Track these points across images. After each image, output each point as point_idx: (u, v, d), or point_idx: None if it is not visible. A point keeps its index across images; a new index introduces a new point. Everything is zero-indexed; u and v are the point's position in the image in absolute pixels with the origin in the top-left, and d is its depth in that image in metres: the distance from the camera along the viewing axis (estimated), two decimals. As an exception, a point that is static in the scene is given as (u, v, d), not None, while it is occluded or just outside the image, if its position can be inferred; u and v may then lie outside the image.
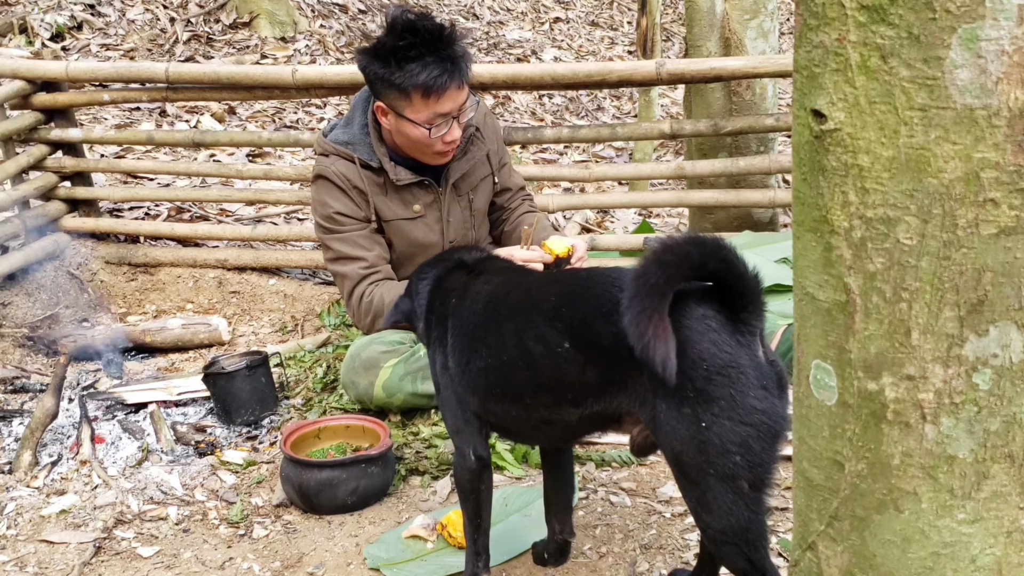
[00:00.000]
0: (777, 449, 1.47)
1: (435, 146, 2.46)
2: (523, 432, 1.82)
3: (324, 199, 2.55)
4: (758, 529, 1.49)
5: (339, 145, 2.56)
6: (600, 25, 9.26)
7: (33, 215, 3.70)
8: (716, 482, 1.46)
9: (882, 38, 0.96)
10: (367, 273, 2.53)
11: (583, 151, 6.09)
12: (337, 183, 2.53)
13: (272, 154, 5.12)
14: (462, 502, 1.87)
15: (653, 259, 1.40)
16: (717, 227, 3.72)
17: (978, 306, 0.99)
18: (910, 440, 1.05)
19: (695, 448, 1.46)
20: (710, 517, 1.50)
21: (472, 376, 1.74)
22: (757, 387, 1.43)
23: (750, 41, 3.58)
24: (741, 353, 1.44)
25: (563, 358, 1.59)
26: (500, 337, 1.69)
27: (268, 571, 2.07)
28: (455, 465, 1.85)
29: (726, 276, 1.44)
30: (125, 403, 2.85)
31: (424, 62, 2.31)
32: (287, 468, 2.29)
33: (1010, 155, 0.94)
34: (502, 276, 1.87)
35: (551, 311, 1.62)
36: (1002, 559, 1.07)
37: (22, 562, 2.14)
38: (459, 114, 2.43)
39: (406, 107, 2.39)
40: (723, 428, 1.44)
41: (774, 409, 1.45)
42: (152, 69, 3.54)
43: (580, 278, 1.72)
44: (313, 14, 7.37)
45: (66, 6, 6.45)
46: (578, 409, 1.62)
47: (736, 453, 1.44)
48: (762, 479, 1.47)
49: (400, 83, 2.34)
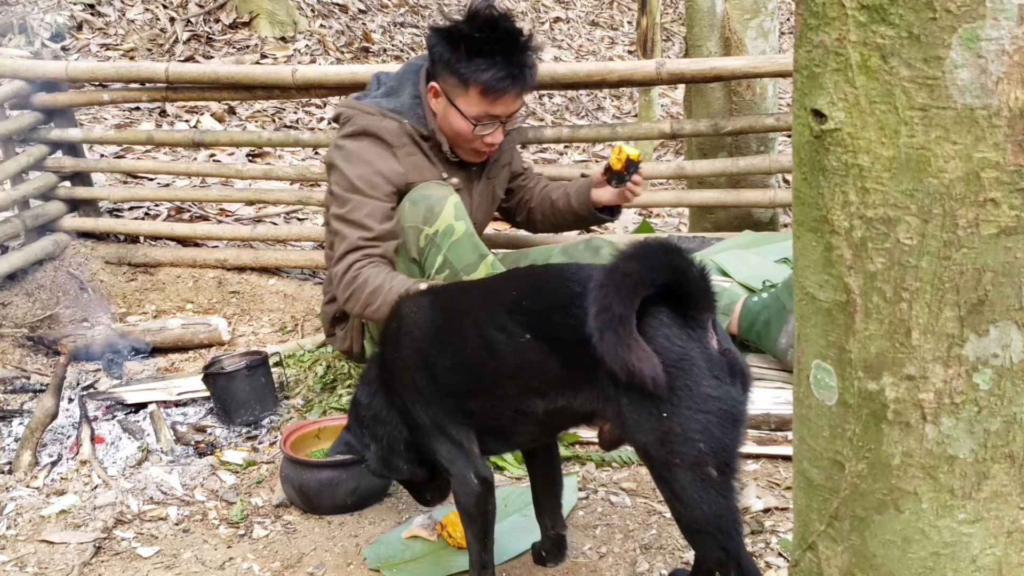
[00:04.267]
0: (738, 434, 1.54)
1: (474, 143, 2.47)
2: (504, 429, 1.80)
3: (368, 157, 2.43)
4: (730, 516, 1.55)
5: (389, 111, 2.49)
6: (600, 25, 9.26)
7: (33, 215, 3.70)
8: (683, 471, 1.52)
9: (882, 38, 0.96)
10: (365, 245, 2.40)
11: (583, 151, 6.09)
12: (388, 139, 2.45)
13: (272, 154, 5.12)
14: (467, 525, 1.84)
15: (611, 294, 1.44)
16: (717, 227, 3.72)
17: (978, 306, 0.98)
18: (910, 440, 1.05)
19: (658, 439, 1.53)
20: (683, 507, 1.56)
21: (445, 380, 1.77)
22: (710, 376, 1.50)
23: (750, 41, 3.58)
24: (692, 346, 1.51)
25: (525, 347, 1.65)
26: (463, 332, 1.75)
27: (268, 571, 2.07)
28: (458, 494, 1.81)
29: (677, 282, 1.50)
30: (125, 403, 2.85)
31: (494, 60, 2.32)
32: (287, 468, 2.29)
33: (1010, 155, 0.94)
34: (439, 291, 1.95)
35: (512, 303, 1.69)
36: (1002, 559, 1.07)
37: (22, 562, 2.14)
38: (508, 120, 2.44)
39: (460, 97, 2.39)
40: (682, 417, 1.50)
41: (729, 395, 1.52)
42: (152, 69, 3.54)
43: (537, 273, 1.81)
44: (313, 14, 7.37)
45: (66, 6, 6.45)
46: (543, 401, 1.67)
47: (699, 440, 1.50)
48: (727, 464, 1.53)
49: (463, 73, 2.34)
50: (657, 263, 1.47)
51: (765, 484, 2.28)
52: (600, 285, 1.45)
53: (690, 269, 1.49)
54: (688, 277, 1.49)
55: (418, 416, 1.82)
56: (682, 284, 1.50)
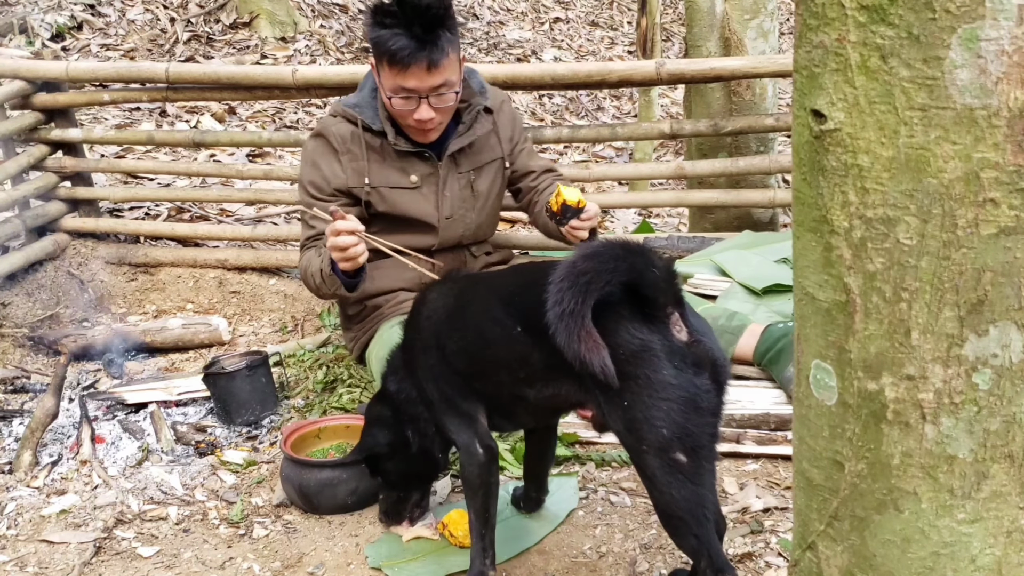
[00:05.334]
0: (703, 420, 1.59)
1: (406, 119, 2.47)
2: (506, 409, 1.90)
3: (315, 160, 2.57)
4: (700, 502, 1.60)
5: (347, 107, 2.58)
6: (600, 25, 9.26)
7: (33, 215, 3.70)
8: (652, 457, 1.59)
9: (882, 38, 0.96)
10: (309, 245, 2.55)
11: (583, 151, 6.10)
12: (334, 144, 2.55)
13: (272, 154, 5.12)
14: (470, 498, 1.90)
15: (565, 289, 1.52)
16: (717, 227, 3.72)
17: (978, 306, 0.99)
18: (910, 440, 1.05)
19: (626, 427, 1.61)
20: (657, 493, 1.62)
21: (451, 358, 1.88)
22: (670, 366, 1.56)
23: (750, 41, 3.58)
24: (653, 338, 1.58)
25: (516, 340, 1.74)
26: (468, 320, 1.87)
27: (268, 571, 2.07)
28: (462, 464, 1.90)
29: (635, 281, 1.57)
30: (125, 403, 2.85)
31: (395, 32, 2.32)
32: (287, 468, 2.29)
33: (1010, 155, 0.94)
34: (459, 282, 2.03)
35: (508, 297, 1.80)
36: (1002, 559, 1.07)
37: (22, 562, 2.15)
38: (429, 95, 2.42)
39: (381, 71, 2.43)
40: (643, 404, 1.57)
41: (690, 383, 1.57)
42: (152, 69, 3.54)
43: (532, 269, 1.91)
44: (313, 14, 7.37)
45: (66, 6, 6.45)
46: (532, 389, 1.77)
47: (662, 427, 1.56)
48: (694, 449, 1.58)
49: (374, 45, 2.39)
50: (614, 263, 1.53)
51: (765, 484, 2.28)
52: (556, 280, 1.52)
53: (648, 269, 1.56)
54: (646, 276, 1.56)
55: (430, 392, 1.92)
56: (641, 282, 1.56)
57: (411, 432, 2.03)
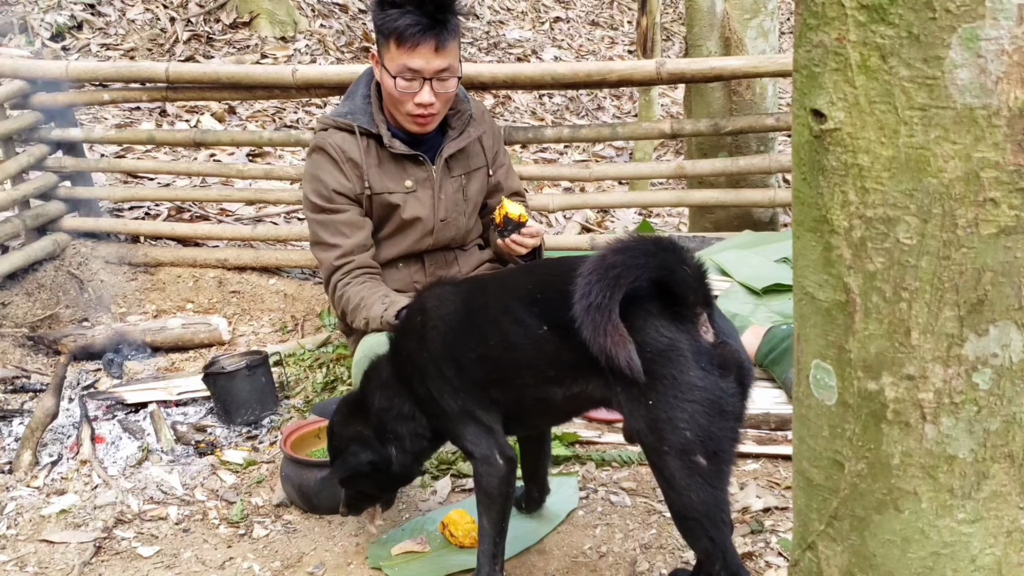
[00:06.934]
0: (727, 424, 1.57)
1: (406, 103, 2.45)
2: (526, 414, 1.87)
3: (318, 174, 2.54)
4: (717, 505, 1.59)
5: (339, 117, 2.57)
6: (600, 25, 9.26)
7: (33, 215, 3.70)
8: (672, 458, 1.57)
9: (882, 38, 0.96)
10: (340, 264, 2.49)
11: (583, 151, 6.09)
12: (333, 155, 2.53)
13: (272, 154, 5.12)
14: (486, 508, 1.85)
15: (593, 283, 1.49)
16: (717, 227, 3.72)
17: (978, 306, 0.98)
18: (910, 440, 1.05)
19: (648, 426, 1.58)
20: (673, 494, 1.60)
21: (469, 370, 1.82)
22: (696, 367, 1.54)
23: (750, 41, 3.58)
24: (681, 337, 1.55)
25: (542, 339, 1.71)
26: (484, 325, 1.80)
27: (268, 571, 2.07)
28: (481, 476, 1.84)
29: (665, 278, 1.55)
30: (125, 403, 2.86)
31: (405, 10, 2.34)
32: (287, 468, 2.29)
33: (1010, 155, 0.94)
34: (464, 284, 2.00)
35: (527, 297, 1.75)
36: (1002, 559, 1.07)
37: (22, 562, 2.15)
38: (434, 79, 2.42)
39: (385, 54, 2.42)
40: (668, 405, 1.54)
41: (716, 385, 1.55)
42: (152, 69, 3.54)
43: (549, 267, 1.89)
44: (313, 14, 7.37)
45: (66, 6, 6.45)
46: (561, 388, 1.73)
47: (685, 428, 1.54)
48: (715, 452, 1.56)
49: (381, 25, 2.38)
50: (644, 258, 1.51)
51: (765, 484, 2.28)
52: (584, 274, 1.50)
53: (680, 267, 1.53)
54: (677, 274, 1.53)
55: (446, 404, 1.85)
56: (671, 280, 1.54)
57: (394, 450, 1.94)
